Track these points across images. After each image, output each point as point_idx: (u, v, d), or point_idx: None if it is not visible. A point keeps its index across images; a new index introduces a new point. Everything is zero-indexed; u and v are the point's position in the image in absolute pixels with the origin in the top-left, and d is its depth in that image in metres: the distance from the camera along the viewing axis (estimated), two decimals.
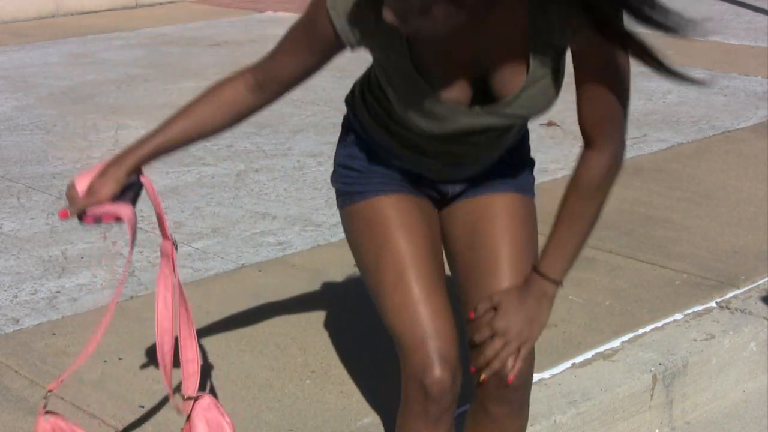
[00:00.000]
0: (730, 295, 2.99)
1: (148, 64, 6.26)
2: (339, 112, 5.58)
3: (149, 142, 1.91)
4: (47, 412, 1.92)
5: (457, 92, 1.76)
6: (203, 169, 4.24)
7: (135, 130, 4.82)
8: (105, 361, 2.62)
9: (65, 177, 4.14)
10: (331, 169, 2.11)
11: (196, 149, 4.50)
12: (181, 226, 3.60)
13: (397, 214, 1.94)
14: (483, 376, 1.83)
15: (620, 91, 1.74)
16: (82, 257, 3.32)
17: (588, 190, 1.80)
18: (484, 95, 1.77)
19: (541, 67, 1.74)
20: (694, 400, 2.72)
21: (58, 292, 3.06)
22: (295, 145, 4.54)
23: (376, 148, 1.98)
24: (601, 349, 2.68)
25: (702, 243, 3.38)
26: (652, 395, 2.59)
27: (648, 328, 2.80)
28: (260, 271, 3.20)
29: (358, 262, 1.99)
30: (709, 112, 5.02)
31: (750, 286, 3.05)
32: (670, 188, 3.93)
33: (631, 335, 2.75)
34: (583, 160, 1.80)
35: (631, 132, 4.67)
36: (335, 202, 2.07)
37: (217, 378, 2.49)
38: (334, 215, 3.56)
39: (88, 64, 6.29)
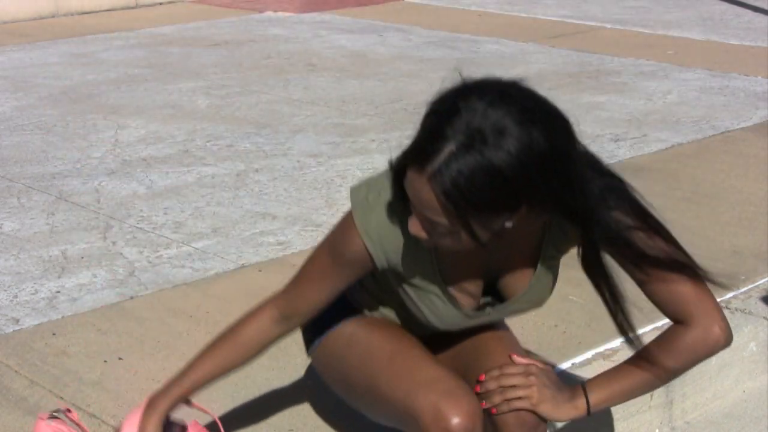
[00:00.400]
0: (730, 295, 2.99)
1: (148, 64, 6.26)
2: (339, 111, 5.60)
3: (179, 385, 1.92)
4: (51, 417, 1.92)
5: (469, 296, 1.84)
6: (203, 169, 4.24)
7: (135, 129, 4.82)
8: (105, 361, 2.62)
9: (65, 177, 4.14)
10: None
11: (196, 149, 4.50)
12: (181, 226, 3.60)
13: (378, 322, 1.97)
14: (476, 387, 1.84)
15: (676, 270, 1.76)
16: (82, 257, 3.32)
17: (664, 348, 1.82)
18: (491, 293, 1.88)
19: (547, 269, 1.85)
20: (694, 400, 2.72)
21: (58, 292, 3.06)
22: (295, 145, 4.54)
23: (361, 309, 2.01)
24: (601, 349, 2.68)
25: (702, 243, 3.38)
26: (652, 395, 2.59)
27: (648, 328, 2.79)
28: (260, 271, 3.20)
29: (348, 373, 1.96)
30: (709, 112, 5.02)
31: (750, 286, 3.05)
32: (670, 188, 3.93)
33: (630, 335, 2.75)
34: (673, 325, 1.82)
35: (631, 132, 4.68)
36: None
37: None
38: (333, 215, 3.56)
39: (88, 64, 6.29)
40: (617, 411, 2.51)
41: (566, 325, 2.81)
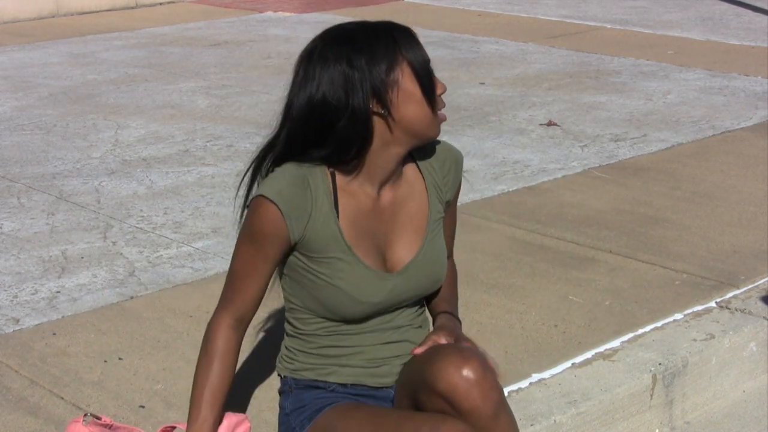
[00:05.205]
0: (730, 295, 2.99)
1: (148, 64, 6.26)
2: None
3: (201, 426, 1.96)
4: (86, 415, 1.92)
5: (372, 258, 1.98)
6: (203, 169, 4.24)
7: (135, 130, 4.82)
8: (105, 361, 2.62)
9: (65, 177, 4.14)
10: None
11: (196, 149, 4.50)
12: (181, 226, 3.60)
13: (343, 409, 2.00)
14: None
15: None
16: (82, 257, 3.32)
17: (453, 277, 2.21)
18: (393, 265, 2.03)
19: (435, 236, 2.04)
20: (694, 400, 2.72)
21: (58, 292, 3.06)
22: None
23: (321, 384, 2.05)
24: (601, 349, 2.69)
25: (702, 243, 3.38)
26: (652, 395, 2.59)
27: (648, 328, 2.80)
28: None
29: None
30: (709, 112, 5.02)
31: (750, 286, 3.05)
32: (670, 188, 3.93)
33: (631, 335, 2.75)
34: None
35: (631, 132, 4.68)
36: None
37: None
38: None
39: (88, 64, 6.29)
40: (617, 411, 2.51)
41: (566, 325, 2.81)
